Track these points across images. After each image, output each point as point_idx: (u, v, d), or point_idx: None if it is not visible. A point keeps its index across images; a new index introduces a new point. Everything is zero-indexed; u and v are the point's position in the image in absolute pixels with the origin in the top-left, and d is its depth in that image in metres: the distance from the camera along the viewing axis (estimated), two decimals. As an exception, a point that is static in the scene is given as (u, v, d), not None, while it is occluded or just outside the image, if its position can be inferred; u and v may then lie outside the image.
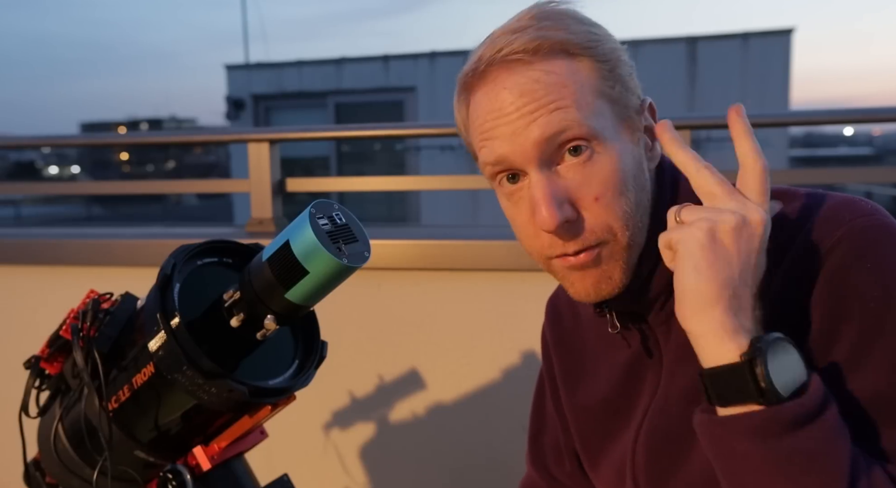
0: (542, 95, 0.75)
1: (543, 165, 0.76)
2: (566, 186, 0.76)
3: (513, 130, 0.76)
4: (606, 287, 0.79)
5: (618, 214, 0.77)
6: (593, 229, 0.77)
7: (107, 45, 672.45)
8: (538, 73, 0.75)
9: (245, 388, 0.82)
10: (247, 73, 10.08)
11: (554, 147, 0.75)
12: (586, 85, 0.76)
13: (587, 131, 0.75)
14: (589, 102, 0.75)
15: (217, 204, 18.92)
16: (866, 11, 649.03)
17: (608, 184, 0.76)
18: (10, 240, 1.93)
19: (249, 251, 0.90)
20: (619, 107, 0.78)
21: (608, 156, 0.76)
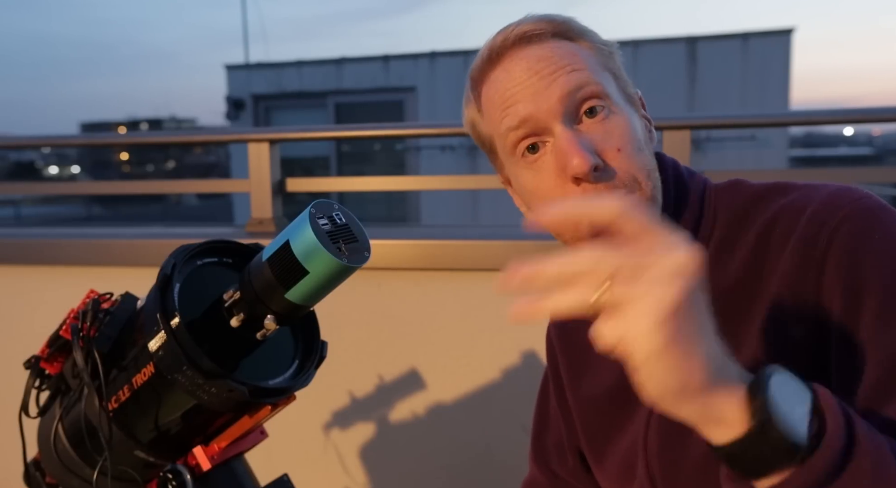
0: (558, 60, 0.81)
1: (567, 121, 0.80)
2: (591, 138, 0.80)
3: (534, 91, 0.80)
4: None
5: (640, 166, 0.81)
6: (620, 177, 0.80)
7: (107, 45, 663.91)
8: (549, 47, 0.82)
9: (245, 388, 0.82)
10: (247, 73, 10.08)
11: (575, 103, 0.80)
12: (593, 58, 0.83)
13: (602, 90, 0.81)
14: (598, 70, 0.82)
15: (217, 204, 18.92)
16: (866, 12, 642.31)
17: (627, 137, 0.81)
18: (10, 240, 1.93)
19: (249, 251, 0.90)
20: (623, 83, 0.85)
21: (623, 117, 0.82)
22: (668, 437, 0.85)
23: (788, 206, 0.80)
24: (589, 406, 0.97)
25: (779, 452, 0.54)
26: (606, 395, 0.94)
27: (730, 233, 0.83)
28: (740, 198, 0.85)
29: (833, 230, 0.74)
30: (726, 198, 0.86)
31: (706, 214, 0.85)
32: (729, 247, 0.83)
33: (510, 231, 1.69)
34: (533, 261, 0.53)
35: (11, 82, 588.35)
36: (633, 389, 0.90)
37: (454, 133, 1.97)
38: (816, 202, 0.78)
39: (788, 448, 0.54)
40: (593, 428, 0.97)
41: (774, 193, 0.83)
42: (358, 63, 9.66)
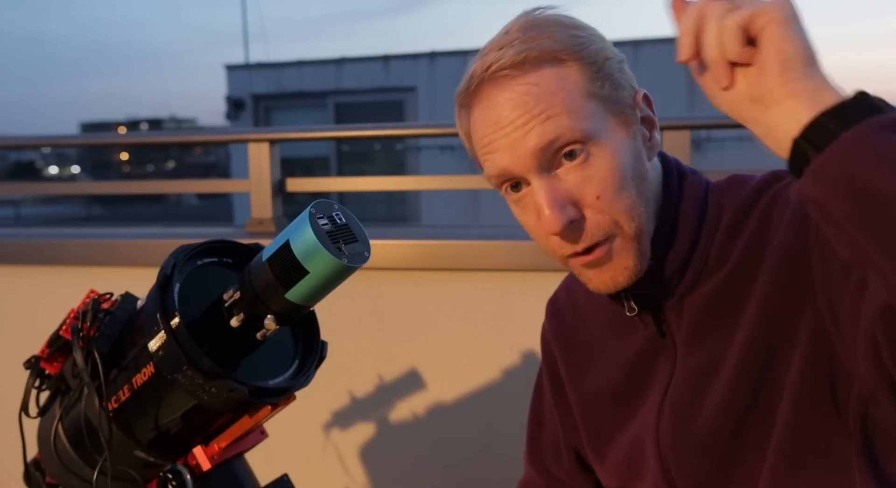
0: (533, 106, 0.78)
1: (543, 171, 0.80)
2: (567, 189, 0.80)
3: (510, 143, 0.79)
4: (623, 278, 0.83)
5: (621, 209, 0.80)
6: (599, 225, 0.80)
7: (107, 45, 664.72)
8: (526, 85, 0.79)
9: (245, 388, 0.82)
10: (247, 73, 10.09)
11: (550, 154, 0.79)
12: (575, 90, 0.79)
13: (580, 135, 0.78)
14: (579, 106, 0.79)
15: (217, 204, 18.92)
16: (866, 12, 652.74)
17: (607, 181, 0.79)
18: (10, 240, 1.93)
19: (249, 251, 0.90)
20: (611, 104, 0.81)
21: (604, 156, 0.79)
22: (682, 431, 0.86)
23: (784, 189, 0.81)
24: (593, 402, 0.97)
25: (875, 105, 0.60)
26: (610, 392, 0.95)
27: (734, 224, 0.84)
28: (742, 190, 0.85)
29: None
30: (730, 192, 0.86)
31: (710, 210, 0.86)
32: (734, 237, 0.84)
33: (510, 231, 1.69)
34: None
35: (11, 82, 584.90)
36: (641, 382, 0.91)
37: (454, 133, 1.97)
38: None
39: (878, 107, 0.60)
40: (595, 425, 0.98)
41: (773, 181, 0.84)
42: (358, 63, 9.66)
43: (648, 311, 0.89)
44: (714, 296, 0.84)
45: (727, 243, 0.84)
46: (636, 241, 0.82)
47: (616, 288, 0.83)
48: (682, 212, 0.85)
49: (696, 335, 0.85)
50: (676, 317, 0.87)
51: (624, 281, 0.83)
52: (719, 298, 0.83)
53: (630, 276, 0.83)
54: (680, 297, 0.86)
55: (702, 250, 0.85)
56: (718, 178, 0.90)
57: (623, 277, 0.82)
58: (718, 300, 0.83)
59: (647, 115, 0.86)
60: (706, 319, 0.84)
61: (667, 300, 0.87)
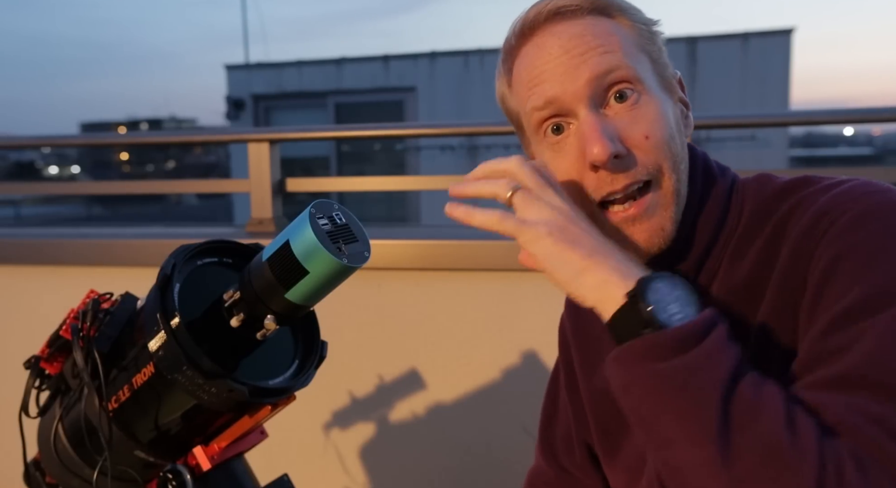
0: (591, 40, 0.78)
1: (592, 105, 0.78)
2: (615, 126, 0.78)
3: (563, 71, 0.78)
4: (658, 239, 0.80)
5: (667, 155, 0.79)
6: (644, 164, 0.79)
7: (107, 45, 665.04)
8: (584, 24, 0.80)
9: (245, 388, 0.82)
10: (247, 73, 10.09)
11: (603, 87, 0.78)
12: (629, 38, 0.80)
13: (634, 74, 0.78)
14: (633, 53, 0.80)
15: (217, 204, 18.92)
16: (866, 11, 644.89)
17: (657, 125, 0.79)
18: (10, 240, 1.93)
19: (249, 251, 0.90)
20: (660, 67, 0.82)
21: (654, 104, 0.79)
22: None
23: (806, 198, 0.78)
24: (602, 399, 0.97)
25: (637, 326, 0.67)
26: None
27: (751, 227, 0.82)
28: (766, 192, 0.83)
29: (832, 221, 0.73)
30: (753, 193, 0.84)
31: (733, 208, 0.84)
32: (749, 240, 0.82)
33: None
34: None
35: (11, 82, 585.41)
36: None
37: (454, 133, 1.97)
38: (832, 194, 0.76)
39: (647, 322, 0.66)
40: (606, 421, 0.97)
41: (798, 187, 0.81)
42: (358, 63, 9.66)
43: None
44: (726, 302, 0.81)
45: (742, 246, 0.82)
46: (674, 199, 0.80)
47: (649, 250, 0.80)
48: (704, 213, 0.83)
49: None
50: None
51: (658, 242, 0.80)
52: (730, 305, 0.81)
53: (665, 239, 0.80)
54: None
55: (718, 252, 0.83)
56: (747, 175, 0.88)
57: (658, 239, 0.80)
58: (729, 307, 0.81)
59: (683, 97, 0.86)
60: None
61: None
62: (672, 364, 0.64)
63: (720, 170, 0.87)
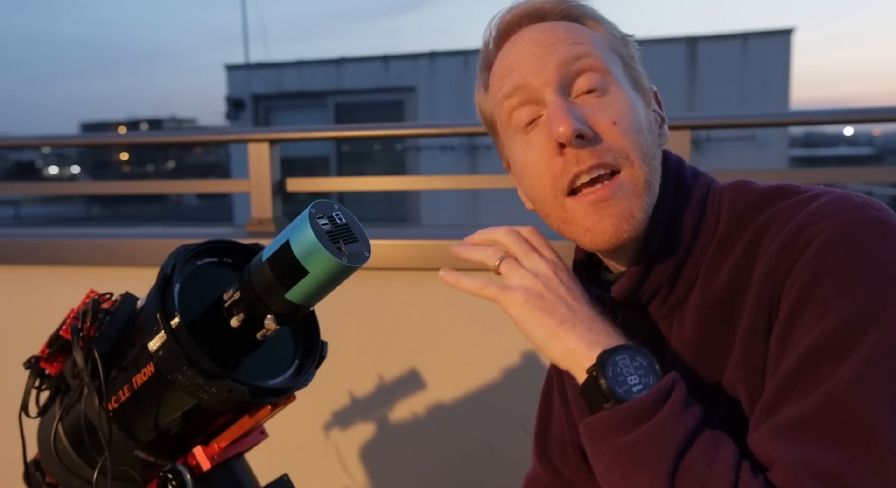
0: (562, 33, 0.80)
1: (560, 91, 0.79)
2: (582, 110, 0.78)
3: (532, 59, 0.80)
4: (627, 225, 0.78)
5: (634, 144, 0.78)
6: (611, 148, 0.78)
7: (107, 45, 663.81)
8: (557, 24, 0.81)
9: (245, 388, 0.82)
10: (247, 73, 10.08)
11: (571, 74, 0.79)
12: (601, 39, 0.81)
13: (603, 65, 0.79)
14: (605, 50, 0.81)
15: (217, 204, 18.92)
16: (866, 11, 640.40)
17: (625, 113, 0.79)
18: (10, 240, 1.93)
19: (249, 251, 0.90)
20: (633, 71, 0.83)
21: (622, 96, 0.79)
22: None
23: (782, 212, 0.77)
24: None
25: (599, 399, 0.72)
26: None
27: (728, 236, 0.80)
28: (743, 200, 0.81)
29: (807, 242, 0.72)
30: (729, 201, 0.82)
31: (708, 217, 0.82)
32: (726, 250, 0.80)
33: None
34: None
35: (11, 82, 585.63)
36: None
37: (454, 133, 1.97)
38: (808, 210, 0.74)
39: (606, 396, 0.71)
40: None
41: (775, 197, 0.80)
42: (358, 63, 9.65)
43: (638, 320, 0.86)
44: (703, 315, 0.80)
45: (718, 257, 0.80)
46: (645, 189, 0.79)
47: (618, 238, 0.78)
48: (676, 224, 0.82)
49: (688, 353, 0.82)
50: (667, 328, 0.84)
51: (627, 230, 0.78)
52: (706, 319, 0.80)
53: (634, 227, 0.78)
54: (671, 308, 0.83)
55: (695, 260, 0.81)
56: (720, 179, 0.87)
57: (627, 225, 0.78)
58: (707, 321, 0.80)
59: (658, 110, 0.87)
60: (696, 337, 0.81)
61: (657, 309, 0.84)
62: (626, 439, 0.69)
63: (694, 176, 0.86)
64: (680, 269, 0.82)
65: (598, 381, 0.71)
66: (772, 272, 0.74)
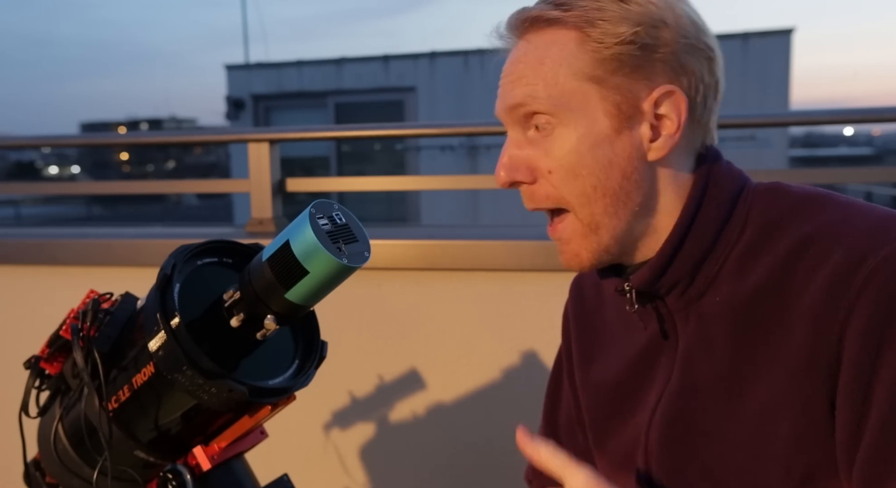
0: (522, 68, 0.81)
1: (517, 128, 0.84)
2: (528, 154, 0.83)
3: (501, 93, 0.84)
4: (576, 264, 0.85)
5: (572, 191, 0.81)
6: (548, 195, 0.83)
7: (107, 45, 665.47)
8: (527, 46, 0.82)
9: (245, 388, 0.82)
10: (247, 73, 10.08)
11: (521, 116, 0.82)
12: (567, 65, 0.79)
13: (546, 108, 0.80)
14: (560, 82, 0.79)
15: (217, 204, 18.93)
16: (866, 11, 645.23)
17: (561, 161, 0.81)
18: (10, 240, 1.93)
19: (249, 251, 0.90)
20: (606, 91, 0.78)
21: (567, 136, 0.80)
22: (668, 442, 0.84)
23: (827, 228, 0.75)
24: (596, 392, 0.97)
25: None
26: (614, 384, 0.93)
27: (759, 240, 0.79)
28: (778, 205, 0.80)
29: (871, 272, 0.70)
30: (763, 204, 0.81)
31: (736, 216, 0.81)
32: (755, 254, 0.78)
33: (510, 231, 1.69)
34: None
35: (11, 82, 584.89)
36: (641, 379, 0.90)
37: (454, 133, 1.97)
38: (858, 232, 0.73)
39: None
40: (597, 413, 0.97)
41: (813, 206, 0.78)
42: (358, 63, 9.65)
43: (653, 311, 0.86)
44: (729, 313, 0.79)
45: (748, 259, 0.79)
46: (589, 231, 0.82)
47: (573, 269, 0.86)
48: (701, 218, 0.81)
49: (704, 347, 0.81)
50: (683, 320, 0.84)
51: (578, 266, 0.85)
52: (735, 317, 0.79)
53: (581, 266, 0.84)
54: (688, 301, 0.82)
55: (717, 259, 0.80)
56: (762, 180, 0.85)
57: (576, 264, 0.84)
58: (734, 318, 0.79)
59: (668, 114, 0.79)
60: (714, 334, 0.80)
61: (675, 301, 0.83)
62: None
63: (729, 173, 0.84)
64: (701, 265, 0.81)
65: None
66: (833, 299, 0.72)
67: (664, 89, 0.78)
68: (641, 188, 0.81)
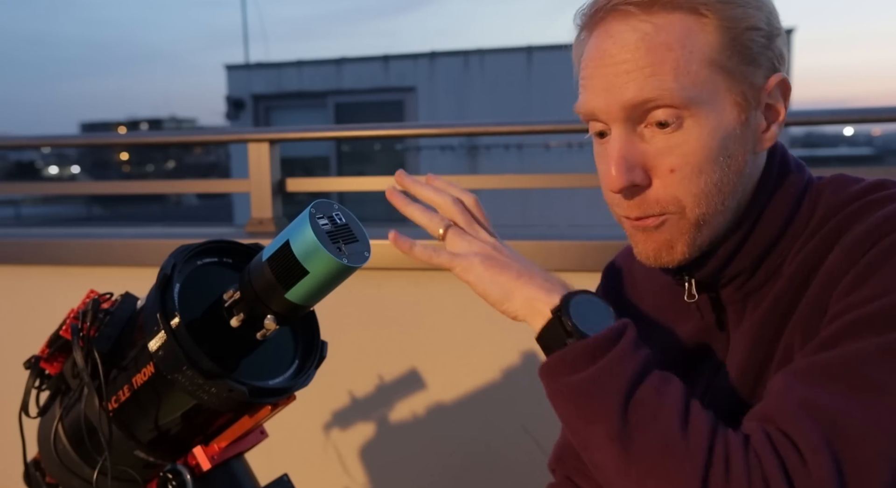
0: (643, 56, 0.73)
1: (628, 125, 0.76)
2: (644, 151, 0.76)
3: (605, 86, 0.75)
4: (667, 256, 0.79)
5: (691, 190, 0.76)
6: (659, 199, 0.77)
7: (107, 45, 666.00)
8: (647, 27, 0.73)
9: (245, 388, 0.82)
10: (247, 73, 10.08)
11: (641, 112, 0.75)
12: (696, 51, 0.73)
13: (679, 101, 0.73)
14: (692, 71, 0.73)
15: (217, 204, 18.93)
16: (866, 11, 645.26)
17: (688, 157, 0.75)
18: (10, 240, 1.93)
19: (249, 251, 0.90)
20: (733, 79, 0.75)
21: (697, 130, 0.74)
22: None
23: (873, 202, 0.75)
24: None
25: (562, 337, 0.74)
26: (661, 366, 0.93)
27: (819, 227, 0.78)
28: (842, 195, 0.79)
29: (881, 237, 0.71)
30: (829, 195, 0.80)
31: (804, 210, 0.80)
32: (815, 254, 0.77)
33: (510, 231, 1.69)
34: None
35: (11, 82, 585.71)
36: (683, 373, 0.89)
37: (454, 133, 1.97)
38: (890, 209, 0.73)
39: (570, 333, 0.73)
40: None
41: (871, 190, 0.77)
42: (358, 63, 9.65)
43: (709, 301, 0.85)
44: (773, 301, 0.79)
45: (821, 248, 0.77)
46: (694, 229, 0.77)
47: (657, 263, 0.80)
48: (770, 210, 0.80)
49: (751, 336, 0.81)
50: (737, 313, 0.83)
51: (666, 258, 0.79)
52: (777, 303, 0.79)
53: (673, 258, 0.79)
54: (745, 295, 0.82)
55: (780, 251, 0.79)
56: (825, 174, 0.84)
57: (666, 255, 0.79)
58: (776, 305, 0.79)
59: (775, 103, 0.79)
60: (766, 322, 0.80)
61: (732, 293, 0.82)
62: (582, 376, 0.71)
63: (797, 168, 0.83)
64: (765, 258, 0.80)
65: (562, 320, 0.73)
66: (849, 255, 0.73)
67: (779, 77, 0.77)
68: (746, 182, 0.79)
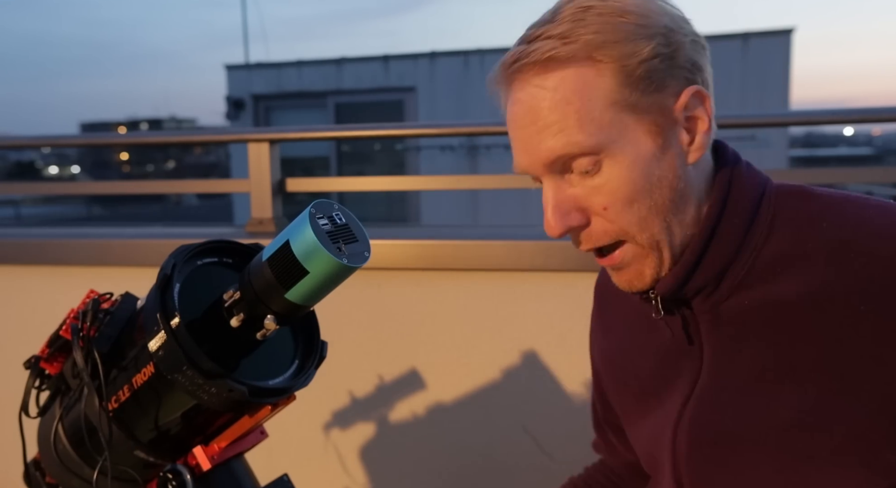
0: (548, 114, 0.76)
1: (555, 175, 0.79)
2: (575, 195, 0.79)
3: (524, 148, 0.79)
4: (639, 283, 0.83)
5: (631, 221, 0.78)
6: (606, 232, 0.80)
7: (107, 45, 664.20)
8: (545, 88, 0.76)
9: (245, 388, 0.82)
10: (247, 73, 10.08)
11: (560, 165, 0.78)
12: (595, 98, 0.75)
13: (590, 149, 0.76)
14: (596, 118, 0.75)
15: (217, 204, 18.93)
16: (867, 11, 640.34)
17: (616, 194, 0.77)
18: (10, 240, 1.93)
19: (249, 251, 0.90)
20: (641, 110, 0.76)
21: (617, 168, 0.76)
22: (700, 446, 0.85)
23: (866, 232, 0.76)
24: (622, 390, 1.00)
25: None
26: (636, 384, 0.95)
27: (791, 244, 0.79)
28: (808, 209, 0.80)
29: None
30: (791, 208, 0.81)
31: (760, 219, 0.80)
32: (789, 258, 0.78)
33: (510, 231, 1.69)
34: None
35: (11, 82, 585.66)
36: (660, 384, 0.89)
37: (454, 133, 1.97)
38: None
39: None
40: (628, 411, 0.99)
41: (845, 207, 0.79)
42: (358, 63, 9.65)
43: (677, 315, 0.86)
44: (763, 316, 0.79)
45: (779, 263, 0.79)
46: (652, 251, 0.80)
47: (634, 290, 0.83)
48: (725, 222, 0.80)
49: (734, 349, 0.81)
50: (709, 323, 0.84)
51: (640, 285, 0.82)
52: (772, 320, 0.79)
53: (645, 283, 0.82)
54: (714, 304, 0.82)
55: (741, 263, 0.80)
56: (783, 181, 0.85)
57: (639, 282, 0.82)
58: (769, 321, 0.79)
59: (695, 114, 0.79)
60: (745, 336, 0.80)
61: (701, 304, 0.83)
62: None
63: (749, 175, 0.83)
64: (727, 269, 0.81)
65: None
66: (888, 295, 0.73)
67: (691, 91, 0.77)
68: (688, 195, 0.80)
